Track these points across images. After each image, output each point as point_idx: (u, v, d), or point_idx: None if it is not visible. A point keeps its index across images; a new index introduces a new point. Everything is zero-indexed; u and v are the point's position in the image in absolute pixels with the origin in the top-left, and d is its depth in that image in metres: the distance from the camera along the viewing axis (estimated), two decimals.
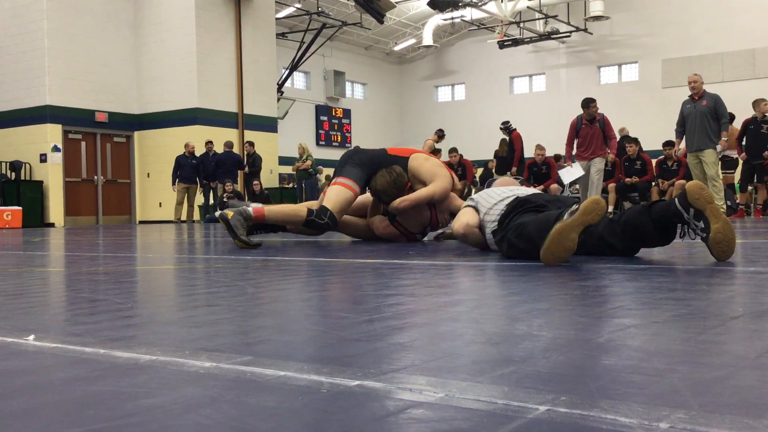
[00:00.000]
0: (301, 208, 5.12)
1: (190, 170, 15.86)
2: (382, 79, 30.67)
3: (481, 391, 1.06)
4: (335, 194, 5.18)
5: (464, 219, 4.14)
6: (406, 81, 31.32)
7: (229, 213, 4.86)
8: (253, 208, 5.00)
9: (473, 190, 5.47)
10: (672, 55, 24.67)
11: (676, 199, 3.23)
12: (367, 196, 5.78)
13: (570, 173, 11.02)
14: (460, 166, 13.77)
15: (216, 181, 15.81)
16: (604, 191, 12.00)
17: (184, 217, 16.01)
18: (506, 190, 4.01)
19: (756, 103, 11.39)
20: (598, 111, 10.55)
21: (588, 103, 10.53)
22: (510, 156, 13.55)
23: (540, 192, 4.01)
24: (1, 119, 17.14)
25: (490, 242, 3.95)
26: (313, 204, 5.39)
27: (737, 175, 12.52)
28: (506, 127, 13.77)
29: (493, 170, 14.63)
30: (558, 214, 3.18)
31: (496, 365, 1.23)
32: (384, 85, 30.76)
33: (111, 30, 17.62)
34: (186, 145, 16.01)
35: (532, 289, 2.43)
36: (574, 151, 10.80)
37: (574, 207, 3.15)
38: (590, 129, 10.51)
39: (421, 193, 5.30)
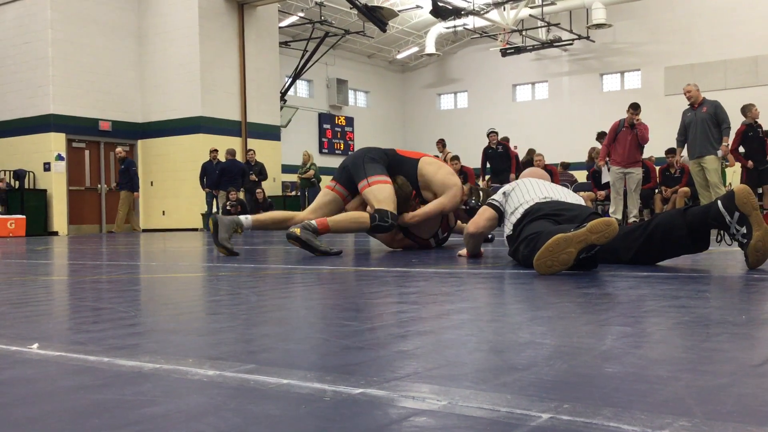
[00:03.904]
0: (363, 216, 5.11)
1: (120, 177, 15.45)
2: (385, 87, 30.73)
3: (484, 399, 1.06)
4: (380, 193, 5.15)
5: (481, 223, 3.95)
6: (409, 89, 31.37)
7: (296, 230, 4.84)
8: (316, 221, 5.00)
9: (481, 195, 5.42)
10: (675, 63, 24.68)
11: (719, 202, 3.10)
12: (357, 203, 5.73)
13: (607, 175, 11.21)
14: (461, 174, 13.81)
15: (219, 190, 15.79)
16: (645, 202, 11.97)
17: (118, 228, 15.28)
18: (532, 193, 3.76)
19: (747, 109, 11.28)
20: (636, 118, 10.50)
21: (628, 108, 10.53)
22: (507, 165, 13.66)
23: (557, 200, 3.73)
24: (6, 128, 17.20)
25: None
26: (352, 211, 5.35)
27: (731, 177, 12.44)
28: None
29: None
30: (575, 228, 3.04)
31: (499, 373, 1.23)
32: (387, 93, 30.81)
33: (115, 39, 17.69)
34: (117, 152, 15.73)
35: (535, 296, 2.42)
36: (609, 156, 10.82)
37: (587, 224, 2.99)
38: (629, 134, 10.49)
39: (431, 207, 5.30)
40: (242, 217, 5.19)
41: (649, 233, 3.33)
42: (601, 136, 14.54)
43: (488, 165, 13.95)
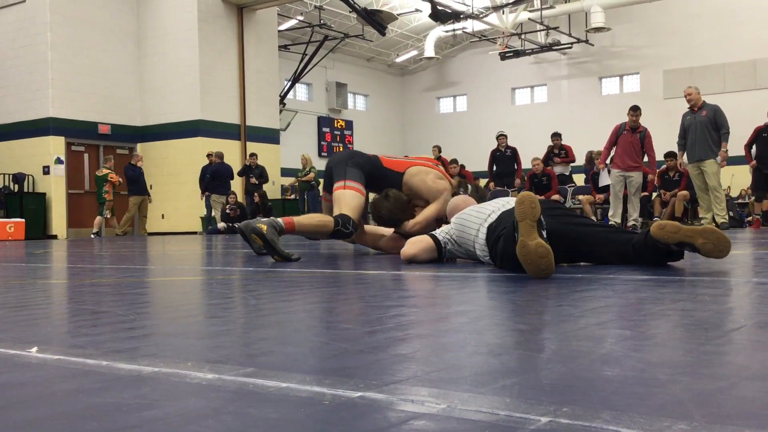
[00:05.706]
0: (328, 220, 5.12)
1: (138, 180, 15.68)
2: (384, 91, 30.77)
3: (483, 402, 1.06)
4: (351, 200, 5.17)
5: (414, 251, 4.12)
6: (408, 92, 31.41)
7: (263, 227, 4.82)
8: (282, 220, 5.00)
9: (469, 187, 5.32)
10: (673, 66, 24.73)
11: (657, 242, 3.17)
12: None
13: (607, 178, 11.25)
14: (461, 178, 13.85)
15: (211, 193, 15.77)
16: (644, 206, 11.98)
17: (126, 229, 15.57)
18: (487, 210, 3.82)
19: None
20: (637, 121, 10.48)
21: (629, 110, 10.52)
22: (513, 168, 13.72)
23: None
24: (5, 131, 17.20)
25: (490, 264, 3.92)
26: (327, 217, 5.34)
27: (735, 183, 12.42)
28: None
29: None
30: (512, 223, 3.08)
31: (498, 376, 1.23)
32: (386, 96, 30.85)
33: (114, 42, 17.70)
34: (134, 156, 16.04)
35: (534, 300, 2.42)
36: (609, 158, 10.81)
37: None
38: (630, 137, 10.48)
39: (430, 212, 5.29)
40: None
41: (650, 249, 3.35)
42: (555, 136, 14.65)
43: (494, 167, 13.98)
